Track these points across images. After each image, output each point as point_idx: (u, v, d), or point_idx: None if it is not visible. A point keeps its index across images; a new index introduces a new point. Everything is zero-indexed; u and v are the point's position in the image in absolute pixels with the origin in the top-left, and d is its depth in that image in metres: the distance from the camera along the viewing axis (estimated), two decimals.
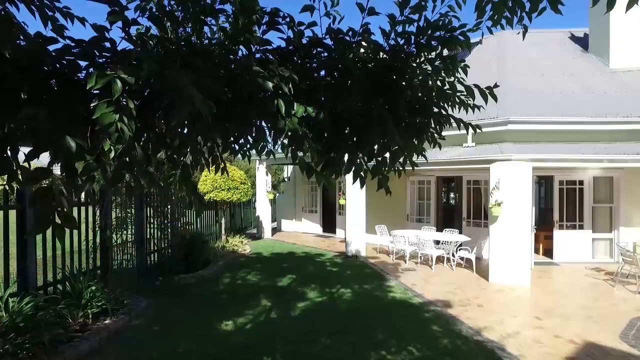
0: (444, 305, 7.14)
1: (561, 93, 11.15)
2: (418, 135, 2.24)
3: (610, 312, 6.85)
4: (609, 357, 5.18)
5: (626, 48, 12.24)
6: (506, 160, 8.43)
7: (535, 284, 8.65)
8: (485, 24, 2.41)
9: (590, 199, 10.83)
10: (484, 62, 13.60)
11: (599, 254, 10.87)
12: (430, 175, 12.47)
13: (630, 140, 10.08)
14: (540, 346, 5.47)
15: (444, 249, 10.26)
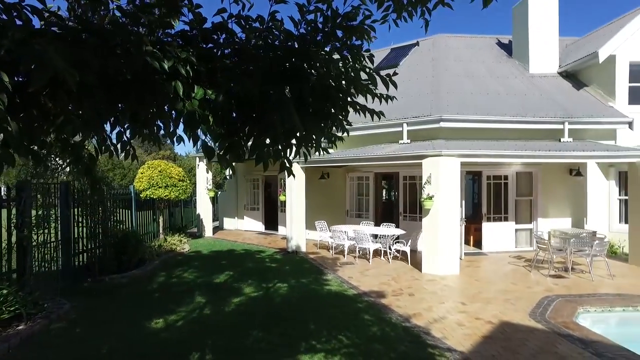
0: (378, 296, 7.38)
1: (488, 94, 11.89)
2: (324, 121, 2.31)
3: (524, 294, 7.43)
4: (518, 332, 5.64)
5: (542, 56, 13.33)
6: (436, 155, 8.86)
7: (464, 272, 9.17)
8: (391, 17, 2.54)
9: (514, 193, 11.66)
10: (421, 63, 14.19)
11: (521, 243, 11.74)
12: (368, 172, 12.82)
13: (546, 139, 10.98)
14: (462, 328, 5.82)
15: (381, 243, 10.59)
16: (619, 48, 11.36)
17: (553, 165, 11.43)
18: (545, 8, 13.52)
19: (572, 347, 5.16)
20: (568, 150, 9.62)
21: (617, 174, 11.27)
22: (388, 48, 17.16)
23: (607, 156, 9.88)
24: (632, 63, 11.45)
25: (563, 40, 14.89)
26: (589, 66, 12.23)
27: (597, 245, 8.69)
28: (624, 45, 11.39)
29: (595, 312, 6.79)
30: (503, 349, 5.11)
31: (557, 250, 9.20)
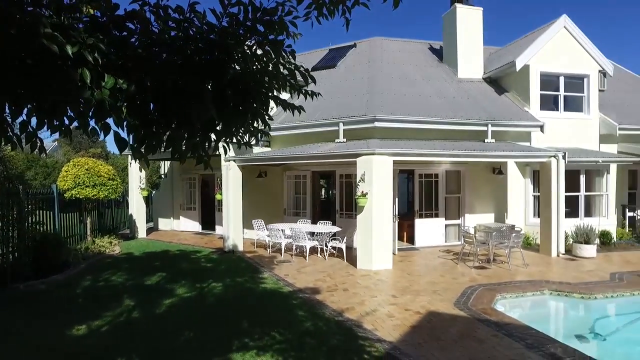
0: (313, 292, 7.49)
1: (420, 96, 12.46)
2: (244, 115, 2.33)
3: (451, 285, 7.89)
4: (443, 320, 6.01)
5: (469, 62, 14.24)
6: (370, 154, 9.15)
7: (397, 267, 9.55)
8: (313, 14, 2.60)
9: (444, 191, 12.35)
10: (358, 64, 14.55)
11: (450, 238, 12.45)
12: (306, 170, 12.93)
13: (472, 139, 11.74)
14: (392, 319, 6.07)
15: (318, 240, 10.74)
16: (532, 59, 12.43)
17: (478, 165, 12.25)
18: (471, 18, 14.44)
19: (489, 330, 5.58)
20: (491, 150, 10.36)
21: (532, 173, 12.31)
22: (327, 48, 17.42)
23: (523, 156, 10.77)
24: (542, 73, 12.58)
25: (487, 49, 15.95)
26: (508, 74, 13.25)
27: (515, 238, 9.44)
28: (536, 56, 12.48)
29: (510, 298, 7.38)
30: (429, 337, 5.40)
31: (481, 243, 9.87)
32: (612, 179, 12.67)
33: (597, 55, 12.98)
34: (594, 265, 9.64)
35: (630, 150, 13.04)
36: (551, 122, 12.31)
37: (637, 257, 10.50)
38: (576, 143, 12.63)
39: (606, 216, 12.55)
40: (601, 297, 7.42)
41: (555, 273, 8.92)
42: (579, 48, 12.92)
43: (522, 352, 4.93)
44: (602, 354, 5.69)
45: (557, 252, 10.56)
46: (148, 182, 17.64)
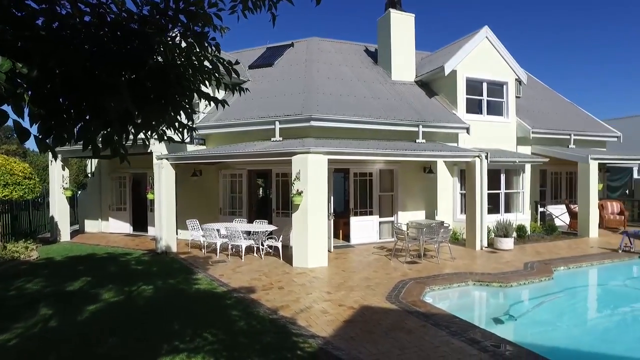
0: (248, 291, 7.40)
1: (356, 96, 12.76)
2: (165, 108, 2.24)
3: (384, 280, 8.17)
4: (375, 314, 6.20)
5: (402, 65, 14.83)
6: (305, 152, 9.22)
7: (333, 264, 9.71)
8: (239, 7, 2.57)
9: (378, 189, 12.75)
10: (295, 64, 14.58)
11: (384, 235, 12.88)
12: (242, 169, 12.75)
13: (404, 139, 12.23)
14: (326, 315, 6.16)
15: (254, 240, 10.63)
16: (459, 65, 13.23)
17: (410, 164, 12.80)
18: (404, 24, 15.04)
19: (417, 321, 5.86)
20: (422, 150, 10.86)
21: (459, 172, 13.09)
22: (264, 47, 17.30)
23: (451, 156, 11.41)
24: (468, 78, 13.44)
25: (419, 54, 16.71)
26: (437, 78, 13.98)
27: (443, 233, 9.99)
28: (462, 63, 13.30)
29: (438, 290, 7.79)
30: (361, 330, 5.55)
31: (412, 239, 10.33)
32: (527, 177, 13.84)
33: (514, 65, 14.09)
34: (511, 256, 10.45)
35: (541, 152, 14.34)
36: (476, 125, 13.18)
37: (546, 248, 11.56)
38: (497, 144, 13.62)
39: (522, 212, 13.68)
40: (515, 284, 8.08)
41: (479, 265, 9.54)
42: (499, 57, 13.95)
43: (446, 339, 5.23)
44: (515, 334, 6.22)
45: (481, 245, 11.32)
46: (74, 181, 16.44)
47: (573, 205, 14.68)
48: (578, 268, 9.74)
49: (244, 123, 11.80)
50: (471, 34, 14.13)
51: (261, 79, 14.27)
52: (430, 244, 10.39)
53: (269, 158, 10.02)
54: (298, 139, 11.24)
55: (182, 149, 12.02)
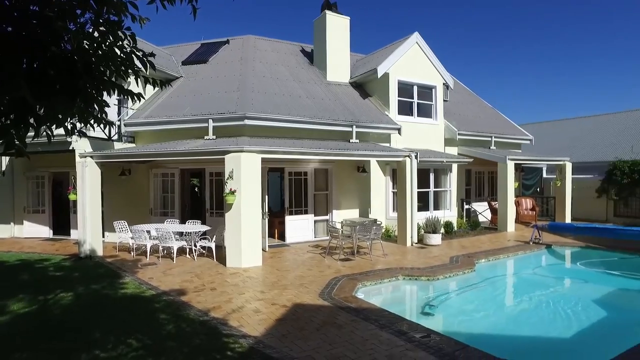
0: (178, 294, 7.15)
1: (291, 96, 12.79)
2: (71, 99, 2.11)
3: (317, 278, 8.28)
4: (308, 311, 6.27)
5: (337, 67, 15.11)
6: (238, 151, 9.08)
7: (267, 263, 9.66)
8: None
9: (312, 188, 12.88)
10: (230, 61, 14.31)
11: (319, 233, 13.04)
12: (174, 168, 12.29)
13: (338, 139, 12.47)
14: (259, 314, 6.12)
15: (187, 240, 10.30)
16: (391, 68, 13.75)
17: (344, 163, 13.07)
18: (339, 26, 15.32)
19: (348, 316, 6.01)
20: (355, 150, 11.12)
21: (391, 171, 13.59)
22: (198, 42, 16.79)
23: (383, 155, 11.80)
24: (400, 81, 14.01)
25: (354, 56, 17.12)
26: (371, 80, 14.42)
27: (375, 231, 10.31)
28: (395, 66, 13.83)
29: (370, 285, 8.05)
30: (293, 328, 5.58)
31: (346, 237, 10.55)
32: (454, 176, 14.70)
33: (442, 70, 14.91)
34: (439, 251, 11.05)
35: (466, 153, 15.31)
36: (407, 126, 13.77)
37: (470, 242, 12.37)
38: (426, 145, 14.33)
39: (449, 209, 14.51)
40: (442, 277, 8.56)
41: (409, 260, 9.97)
42: (428, 62, 14.68)
43: (375, 332, 5.42)
44: (440, 323, 6.59)
45: (411, 242, 11.84)
46: None
47: (494, 202, 15.82)
48: (496, 260, 10.53)
49: (176, 120, 11.39)
50: (403, 39, 14.73)
51: (195, 75, 13.85)
52: (363, 242, 10.68)
53: (202, 157, 9.74)
54: (232, 137, 11.05)
55: (108, 146, 11.34)
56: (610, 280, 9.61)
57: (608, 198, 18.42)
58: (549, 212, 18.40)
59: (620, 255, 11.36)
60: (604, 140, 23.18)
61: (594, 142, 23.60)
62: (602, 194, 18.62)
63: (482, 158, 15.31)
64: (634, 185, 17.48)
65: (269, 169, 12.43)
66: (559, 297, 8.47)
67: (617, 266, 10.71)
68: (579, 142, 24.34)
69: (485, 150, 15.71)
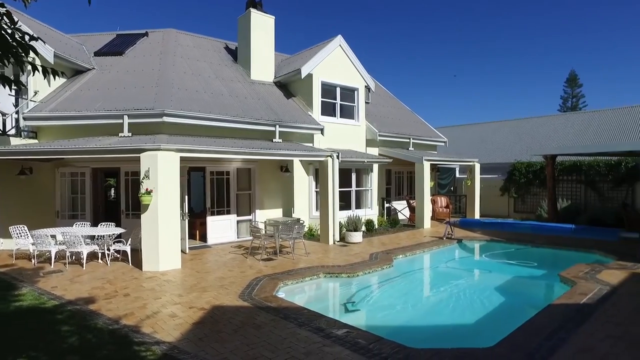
0: (86, 302, 6.67)
1: (213, 94, 12.48)
2: None
3: (238, 279, 8.19)
4: (227, 313, 6.18)
5: (261, 66, 15.05)
6: (155, 149, 8.68)
7: (187, 266, 9.35)
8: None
9: (235, 188, 12.69)
10: (149, 55, 13.62)
11: (242, 233, 12.88)
12: (84, 167, 11.41)
13: (261, 139, 12.42)
14: (175, 319, 5.91)
15: (99, 245, 9.63)
16: (315, 69, 13.98)
17: (267, 162, 13.05)
18: (264, 24, 15.24)
19: (268, 316, 6.02)
20: (278, 149, 11.14)
21: (314, 171, 13.81)
22: (114, 33, 15.73)
23: (306, 155, 11.96)
24: (323, 82, 14.30)
25: (279, 56, 17.14)
26: (295, 80, 14.54)
27: (298, 230, 10.42)
28: (318, 67, 14.09)
29: (291, 284, 8.12)
30: (210, 331, 5.47)
31: (269, 236, 10.54)
32: (375, 176, 15.31)
33: (364, 73, 15.46)
34: (360, 248, 11.45)
35: (386, 153, 16.04)
36: (330, 126, 14.09)
37: (390, 239, 12.99)
38: (349, 145, 14.77)
39: (371, 207, 15.10)
40: (362, 274, 8.89)
41: (331, 258, 10.21)
42: (351, 65, 15.15)
43: (294, 330, 5.49)
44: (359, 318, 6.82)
45: (334, 240, 12.13)
46: None
47: (412, 201, 16.73)
48: (413, 255, 11.16)
49: (88, 115, 10.58)
50: (327, 41, 15.03)
51: (109, 68, 12.95)
52: (286, 241, 10.74)
53: (116, 155, 9.15)
54: (150, 135, 10.53)
55: (3, 142, 10.22)
56: (509, 269, 10.64)
57: (509, 196, 20.37)
58: (461, 209, 19.88)
59: (516, 247, 12.64)
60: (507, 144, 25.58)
61: (499, 145, 25.94)
62: (505, 192, 20.54)
63: (401, 158, 16.14)
64: (529, 184, 19.53)
65: (191, 168, 12.04)
66: (467, 287, 9.21)
67: (514, 256, 11.88)
68: (486, 144, 26.60)
69: (404, 151, 16.56)
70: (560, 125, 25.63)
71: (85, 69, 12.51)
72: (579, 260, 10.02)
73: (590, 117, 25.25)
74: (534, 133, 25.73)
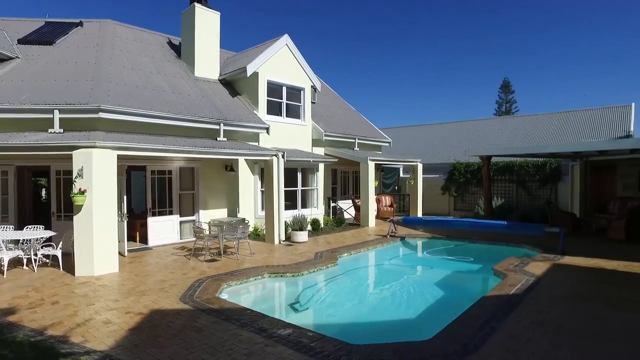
0: (5, 314, 6.12)
1: (154, 89, 11.99)
2: None
3: (180, 281, 7.92)
4: (166, 317, 5.96)
5: (206, 62, 14.67)
6: (90, 147, 8.19)
7: (125, 269, 8.91)
8: None
9: (178, 187, 12.27)
10: (83, 46, 12.83)
11: (185, 234, 12.49)
12: (8, 165, 10.52)
13: (205, 137, 12.11)
14: (109, 326, 5.60)
15: (24, 250, 8.91)
16: (261, 68, 13.86)
17: (211, 162, 12.75)
18: (209, 20, 14.86)
19: (209, 318, 5.87)
20: (222, 148, 10.91)
21: (260, 170, 13.68)
22: (42, 20, 14.63)
23: (251, 154, 11.82)
24: (269, 81, 14.20)
25: (225, 53, 16.79)
26: (240, 78, 14.31)
27: (242, 230, 10.27)
28: (264, 66, 13.97)
29: (235, 285, 7.99)
30: (147, 336, 5.24)
31: (213, 237, 10.29)
32: (320, 175, 15.44)
33: (310, 73, 15.53)
34: (305, 248, 11.48)
35: (332, 153, 16.23)
36: (276, 126, 14.02)
37: (335, 238, 13.15)
38: (295, 145, 14.78)
39: (317, 207, 15.21)
40: (306, 273, 8.92)
41: (276, 258, 10.16)
42: (297, 64, 15.16)
43: (236, 331, 5.39)
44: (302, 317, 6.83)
45: (279, 239, 12.08)
46: None
47: (357, 200, 17.05)
48: (358, 253, 11.36)
49: (10, 109, 9.73)
50: (273, 40, 14.92)
51: (37, 58, 12.01)
52: (231, 241, 10.55)
53: (44, 152, 8.51)
54: (84, 132, 9.91)
55: None
56: (448, 265, 11.13)
57: (450, 195, 21.35)
58: (405, 208, 20.53)
59: (456, 243, 13.26)
60: (448, 145, 26.78)
61: (441, 146, 27.10)
62: (446, 191, 21.51)
63: (347, 158, 16.39)
64: (468, 183, 20.59)
65: (131, 167, 11.48)
66: (410, 283, 9.51)
67: (454, 252, 12.46)
68: (429, 145, 27.69)
69: (350, 151, 16.84)
70: (495, 128, 27.24)
71: (7, 57, 11.53)
72: (511, 254, 10.70)
73: (522, 121, 27.06)
74: (472, 135, 27.14)
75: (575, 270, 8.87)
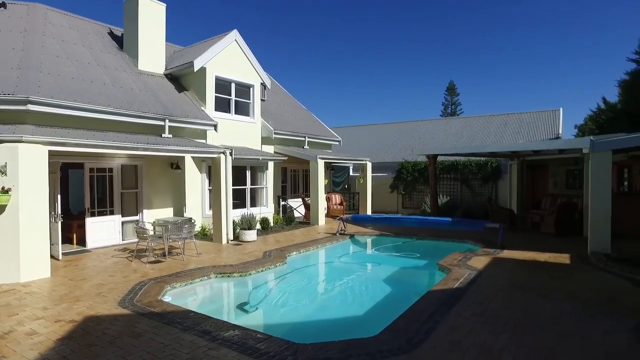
0: None
1: (92, 82, 11.28)
2: None
3: (119, 285, 7.50)
4: (102, 323, 5.61)
5: (150, 56, 14.02)
6: (16, 141, 7.54)
7: (58, 274, 8.31)
8: None
9: (119, 186, 11.64)
10: (9, 32, 11.77)
11: (128, 235, 11.87)
12: None
13: (149, 133, 11.58)
14: (34, 337, 5.17)
15: None
16: (209, 63, 13.46)
17: (156, 159, 12.21)
18: (154, 12, 14.16)
19: (150, 323, 5.59)
20: (167, 145, 10.47)
21: (207, 168, 13.29)
22: None
23: (197, 152, 11.43)
24: (217, 77, 13.84)
25: (171, 47, 16.16)
26: (187, 73, 13.82)
27: (188, 229, 9.93)
28: (212, 61, 13.59)
29: (179, 287, 7.69)
30: (79, 346, 4.89)
31: (157, 237, 9.86)
32: (270, 174, 15.27)
33: (260, 70, 15.31)
34: (254, 247, 11.30)
35: (282, 151, 16.12)
36: (224, 123, 13.68)
37: (284, 237, 13.05)
38: (244, 142, 14.51)
39: (266, 205, 15.02)
40: (254, 272, 8.77)
41: (223, 258, 9.90)
42: (247, 61, 14.89)
43: (178, 335, 5.17)
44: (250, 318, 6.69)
45: (227, 239, 11.80)
46: None
47: (307, 199, 17.03)
48: (307, 251, 11.34)
49: None
50: (222, 35, 14.55)
51: None
52: (176, 242, 10.16)
53: None
54: (10, 125, 9.13)
55: None
56: (396, 261, 11.40)
57: (398, 193, 21.90)
58: (354, 206, 20.79)
59: (403, 240, 13.60)
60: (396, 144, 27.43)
61: (389, 145, 27.71)
62: (394, 190, 22.03)
63: (297, 157, 16.33)
64: (415, 181, 21.22)
65: (66, 164, 10.73)
66: (358, 280, 9.61)
67: (401, 249, 12.77)
68: (378, 145, 28.22)
69: (300, 150, 16.79)
70: (441, 128, 28.26)
71: None
72: (455, 249, 11.11)
73: (466, 122, 28.27)
74: (419, 135, 27.99)
75: (512, 263, 9.37)
